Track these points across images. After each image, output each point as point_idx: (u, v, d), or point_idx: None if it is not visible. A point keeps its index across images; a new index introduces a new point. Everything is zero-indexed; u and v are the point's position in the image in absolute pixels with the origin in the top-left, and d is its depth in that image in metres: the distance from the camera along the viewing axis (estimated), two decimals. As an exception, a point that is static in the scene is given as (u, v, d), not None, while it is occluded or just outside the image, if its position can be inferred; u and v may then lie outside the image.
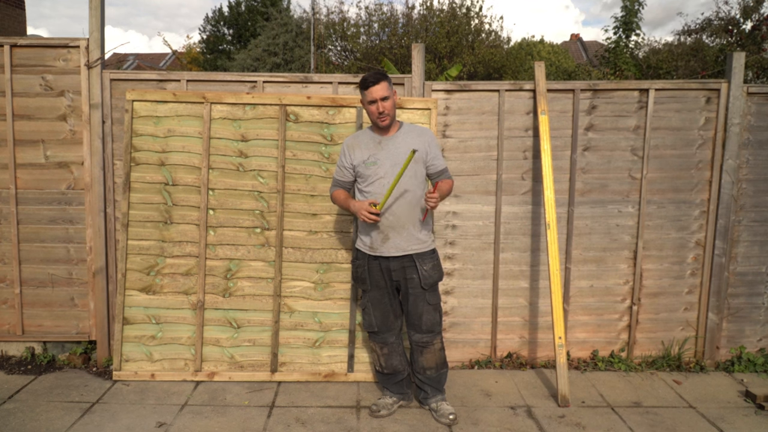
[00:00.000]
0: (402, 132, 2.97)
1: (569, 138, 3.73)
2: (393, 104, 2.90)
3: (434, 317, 3.04)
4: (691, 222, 3.80)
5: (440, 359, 3.12)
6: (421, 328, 3.02)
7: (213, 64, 17.90)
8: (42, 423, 2.96)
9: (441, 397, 3.15)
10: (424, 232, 2.97)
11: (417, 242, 2.94)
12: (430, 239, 3.01)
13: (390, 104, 2.87)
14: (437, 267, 3.01)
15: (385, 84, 2.84)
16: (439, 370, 3.13)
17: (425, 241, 2.97)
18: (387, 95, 2.85)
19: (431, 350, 3.08)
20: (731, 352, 3.88)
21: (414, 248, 2.94)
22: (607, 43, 9.89)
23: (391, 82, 2.90)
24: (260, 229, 3.55)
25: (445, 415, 3.04)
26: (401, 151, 2.90)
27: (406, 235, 2.92)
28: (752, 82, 7.35)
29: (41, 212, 3.69)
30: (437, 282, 3.02)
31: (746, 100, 3.71)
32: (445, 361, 3.16)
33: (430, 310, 3.02)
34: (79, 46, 3.58)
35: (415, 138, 2.95)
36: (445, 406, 3.10)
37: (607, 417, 3.15)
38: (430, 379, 3.12)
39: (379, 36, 13.56)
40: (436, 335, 3.08)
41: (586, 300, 3.84)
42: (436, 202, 2.79)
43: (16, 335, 3.76)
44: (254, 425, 2.98)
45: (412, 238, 2.93)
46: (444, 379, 3.18)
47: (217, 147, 3.53)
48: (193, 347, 3.53)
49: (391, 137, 2.96)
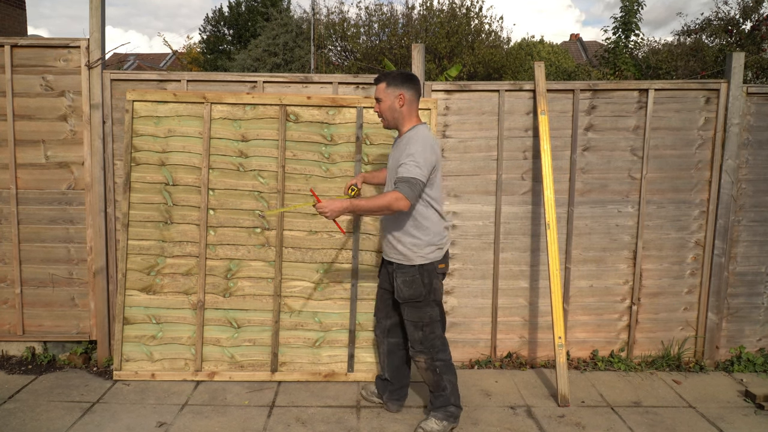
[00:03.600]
0: (406, 136, 2.77)
1: (569, 138, 3.73)
2: (389, 107, 2.76)
3: (414, 334, 2.85)
4: (691, 222, 3.80)
5: (429, 379, 2.90)
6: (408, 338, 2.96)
7: (213, 65, 17.91)
8: (42, 423, 2.96)
9: (433, 414, 2.92)
10: (406, 246, 2.76)
11: (395, 253, 2.81)
12: (412, 254, 2.75)
13: (383, 107, 2.78)
14: (411, 284, 2.76)
15: (382, 85, 2.77)
16: (432, 390, 2.93)
17: (404, 254, 2.77)
18: (380, 97, 2.78)
19: (418, 365, 2.92)
20: (731, 351, 3.89)
21: (393, 257, 2.84)
22: (606, 44, 9.90)
23: (394, 84, 2.75)
24: (260, 229, 3.56)
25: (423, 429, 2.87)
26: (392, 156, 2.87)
27: (386, 241, 2.89)
28: (752, 82, 7.36)
29: (42, 212, 3.69)
30: (414, 300, 2.78)
31: (746, 100, 3.71)
32: (437, 383, 2.88)
33: (410, 325, 2.85)
34: (80, 46, 3.58)
35: (404, 145, 2.73)
36: (428, 424, 2.88)
37: (606, 417, 3.15)
38: (429, 391, 2.99)
39: (379, 36, 13.57)
40: (419, 353, 2.86)
41: (585, 300, 3.84)
42: (325, 214, 2.61)
43: (17, 335, 3.76)
44: (254, 425, 2.99)
45: (391, 246, 2.83)
46: (440, 402, 2.90)
47: (217, 147, 3.53)
48: (193, 347, 3.53)
49: (398, 140, 2.88)
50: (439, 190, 2.81)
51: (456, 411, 2.93)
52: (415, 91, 2.78)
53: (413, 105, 2.79)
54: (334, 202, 2.64)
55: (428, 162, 2.64)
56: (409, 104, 2.76)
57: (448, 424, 2.91)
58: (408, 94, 2.75)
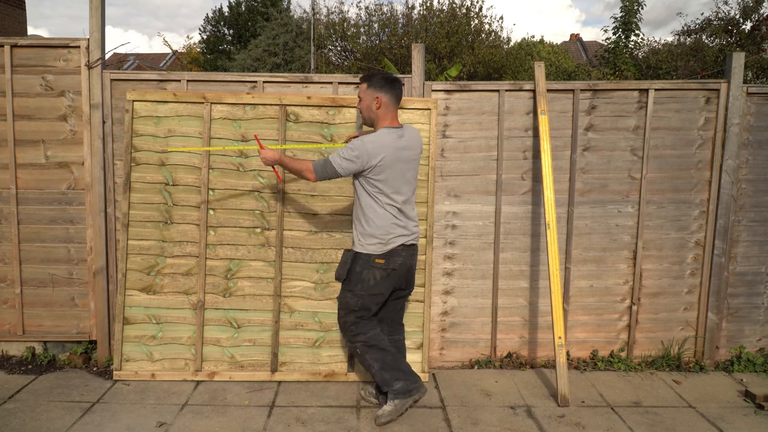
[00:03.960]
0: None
1: (569, 138, 3.73)
2: (367, 107, 2.92)
3: (338, 313, 3.07)
4: (691, 222, 3.80)
5: (362, 363, 3.06)
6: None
7: (213, 65, 17.91)
8: (42, 423, 2.96)
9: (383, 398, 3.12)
10: (356, 232, 2.98)
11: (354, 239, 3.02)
12: (357, 241, 2.96)
13: (363, 105, 2.95)
14: (342, 265, 3.00)
15: (364, 86, 2.93)
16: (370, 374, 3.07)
17: (356, 242, 2.97)
18: (361, 96, 2.95)
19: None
20: (731, 351, 3.89)
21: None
22: (606, 44, 9.90)
23: (374, 87, 2.89)
24: (260, 229, 3.56)
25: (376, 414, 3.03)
26: None
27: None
28: (752, 82, 7.36)
29: (42, 212, 3.69)
30: (338, 280, 3.04)
31: (746, 100, 3.71)
32: (364, 364, 3.03)
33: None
34: (80, 46, 3.58)
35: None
36: (382, 408, 3.02)
37: (606, 417, 3.15)
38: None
39: (379, 36, 13.58)
40: (343, 332, 3.09)
41: (585, 300, 3.84)
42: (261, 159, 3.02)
43: (17, 335, 3.76)
44: (254, 425, 2.99)
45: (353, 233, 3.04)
46: (380, 383, 3.01)
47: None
48: (193, 347, 3.53)
49: None
50: (396, 189, 2.89)
51: (402, 386, 2.95)
52: (392, 95, 2.91)
53: (389, 108, 2.92)
54: (270, 151, 3.03)
55: (360, 160, 2.80)
56: (385, 107, 2.90)
57: (400, 402, 2.96)
58: (385, 98, 2.89)
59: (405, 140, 2.91)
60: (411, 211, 3.00)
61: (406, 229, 2.95)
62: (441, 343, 3.83)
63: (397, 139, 2.87)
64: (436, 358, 3.83)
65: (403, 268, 2.99)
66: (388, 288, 2.99)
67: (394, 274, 2.96)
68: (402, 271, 2.99)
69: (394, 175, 2.87)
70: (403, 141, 2.89)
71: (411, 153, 2.94)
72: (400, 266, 2.96)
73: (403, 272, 3.00)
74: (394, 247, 2.93)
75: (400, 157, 2.87)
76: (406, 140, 2.91)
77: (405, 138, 2.91)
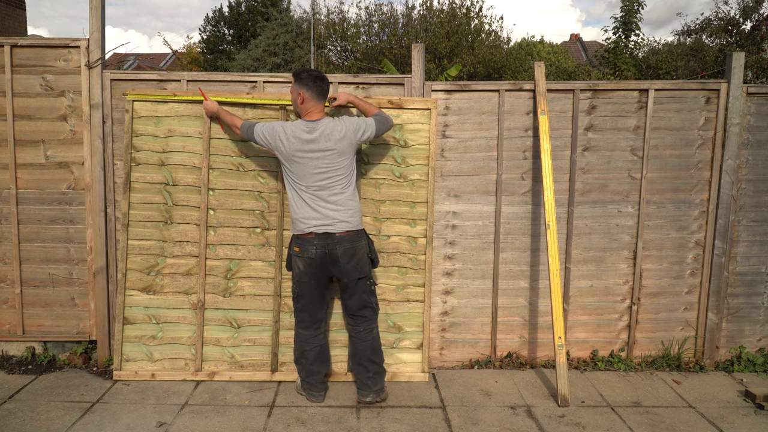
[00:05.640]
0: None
1: (569, 138, 3.73)
2: (293, 101, 3.14)
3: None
4: (691, 222, 3.80)
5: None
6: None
7: (213, 65, 17.91)
8: (42, 423, 2.96)
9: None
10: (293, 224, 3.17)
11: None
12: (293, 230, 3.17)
13: (291, 99, 3.18)
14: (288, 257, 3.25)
15: (293, 82, 3.13)
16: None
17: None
18: (291, 91, 3.19)
19: None
20: (731, 351, 3.89)
21: None
22: (606, 44, 9.91)
23: (298, 84, 3.08)
24: (260, 229, 3.56)
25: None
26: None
27: None
28: (752, 82, 7.36)
29: (42, 212, 3.69)
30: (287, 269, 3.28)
31: (746, 100, 3.71)
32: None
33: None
34: (80, 46, 3.58)
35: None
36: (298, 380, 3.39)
37: (606, 417, 3.15)
38: None
39: (379, 36, 13.57)
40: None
41: (585, 300, 3.84)
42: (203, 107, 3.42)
43: (17, 335, 3.76)
44: (254, 425, 2.99)
45: None
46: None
47: (217, 147, 3.53)
48: (193, 347, 3.53)
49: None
50: (305, 177, 3.05)
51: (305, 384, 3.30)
52: (314, 92, 3.07)
53: (311, 102, 3.09)
54: (211, 103, 3.37)
55: (266, 140, 3.13)
56: (307, 102, 3.09)
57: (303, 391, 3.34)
58: (307, 94, 3.08)
59: (316, 134, 3.03)
60: (333, 197, 3.07)
61: (322, 216, 3.05)
62: (441, 343, 3.83)
63: (304, 132, 3.04)
64: (436, 358, 3.83)
65: (323, 258, 3.08)
66: (312, 277, 3.12)
67: (313, 263, 3.09)
68: (320, 261, 3.08)
69: (305, 163, 3.04)
70: (313, 134, 3.03)
71: (321, 145, 3.03)
72: (315, 255, 3.06)
73: (326, 262, 3.09)
74: (304, 234, 3.08)
75: (308, 148, 3.03)
76: (317, 133, 3.03)
77: (317, 131, 3.03)
